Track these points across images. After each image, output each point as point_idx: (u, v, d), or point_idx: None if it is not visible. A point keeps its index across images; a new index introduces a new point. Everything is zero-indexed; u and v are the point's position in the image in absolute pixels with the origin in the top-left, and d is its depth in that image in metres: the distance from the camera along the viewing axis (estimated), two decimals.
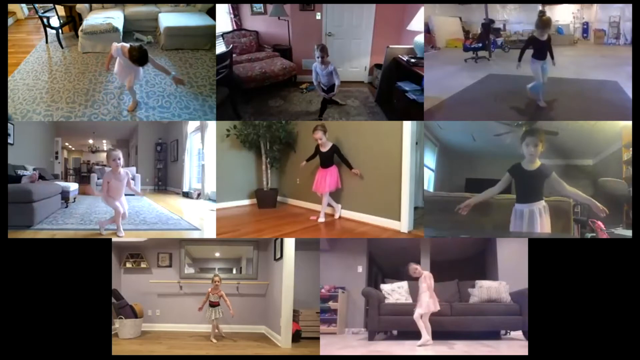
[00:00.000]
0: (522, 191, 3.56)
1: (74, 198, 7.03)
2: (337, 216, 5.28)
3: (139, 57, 4.23)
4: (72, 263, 3.36)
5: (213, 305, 4.63)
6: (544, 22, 4.43)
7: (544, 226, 3.49)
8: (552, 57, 4.52)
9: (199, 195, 8.58)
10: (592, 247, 3.43)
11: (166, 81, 5.02)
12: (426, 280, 4.06)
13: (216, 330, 4.66)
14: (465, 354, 3.66)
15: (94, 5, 6.21)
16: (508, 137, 4.89)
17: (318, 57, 4.84)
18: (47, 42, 5.88)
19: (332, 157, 5.13)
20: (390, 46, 5.57)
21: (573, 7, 8.37)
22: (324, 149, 5.14)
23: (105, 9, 6.24)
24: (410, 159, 4.51)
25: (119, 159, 4.21)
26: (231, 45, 5.86)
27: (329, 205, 5.29)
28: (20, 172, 6.14)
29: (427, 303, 3.97)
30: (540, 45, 4.47)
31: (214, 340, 4.54)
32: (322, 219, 5.13)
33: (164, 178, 12.17)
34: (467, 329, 4.42)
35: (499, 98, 4.94)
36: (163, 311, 5.29)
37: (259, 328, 5.17)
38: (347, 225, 5.01)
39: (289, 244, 4.37)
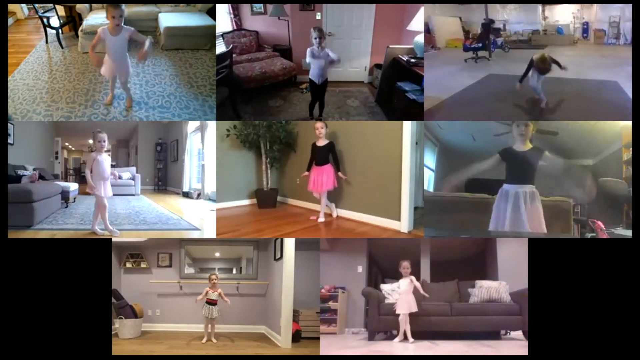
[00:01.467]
0: (511, 173, 3.59)
1: (74, 198, 7.03)
2: (334, 215, 5.28)
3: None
4: (72, 263, 3.35)
5: (211, 303, 4.58)
6: (543, 69, 4.49)
7: (531, 213, 3.48)
8: (561, 67, 4.58)
9: (199, 195, 8.58)
10: (592, 247, 3.43)
11: (166, 81, 5.02)
12: (413, 281, 4.30)
13: (214, 330, 4.58)
14: (465, 354, 3.66)
15: (94, 5, 6.21)
16: (508, 137, 4.89)
17: (316, 39, 4.72)
18: (47, 42, 5.88)
19: (328, 155, 5.11)
20: (390, 46, 5.57)
21: (573, 7, 8.38)
22: (320, 144, 5.11)
23: (105, 9, 6.24)
24: (410, 159, 4.51)
25: (104, 141, 4.19)
26: (231, 45, 5.86)
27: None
28: (20, 172, 6.14)
29: (409, 303, 4.17)
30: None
31: (214, 340, 4.52)
32: (322, 219, 5.13)
33: (164, 178, 12.17)
34: (467, 329, 4.42)
35: (500, 98, 4.94)
36: (163, 311, 5.29)
37: (259, 328, 5.17)
38: (347, 225, 5.01)
39: (289, 244, 4.37)
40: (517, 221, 3.51)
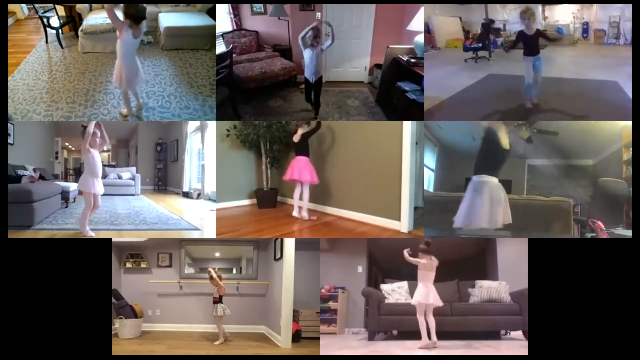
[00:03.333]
0: (484, 156, 3.87)
1: (74, 198, 7.02)
2: (304, 214, 5.20)
3: (136, 13, 3.84)
4: (72, 263, 3.35)
5: (216, 301, 4.46)
6: (527, 14, 4.42)
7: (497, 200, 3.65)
8: (547, 38, 4.62)
9: (199, 195, 8.58)
10: (592, 247, 3.43)
11: (166, 81, 5.03)
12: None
13: (223, 330, 4.48)
14: (465, 354, 3.66)
15: (94, 5, 6.21)
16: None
17: (314, 37, 4.80)
18: (47, 42, 5.88)
19: (302, 147, 5.11)
20: (390, 46, 5.57)
21: (573, 7, 8.37)
22: (295, 140, 5.14)
23: (105, 9, 6.24)
24: (410, 159, 4.51)
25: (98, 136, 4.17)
26: (231, 45, 5.85)
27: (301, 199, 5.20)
28: (20, 172, 6.13)
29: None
30: (529, 40, 4.44)
31: (222, 340, 4.39)
32: (303, 214, 5.12)
33: (164, 178, 12.17)
34: (467, 329, 4.42)
35: (500, 98, 4.94)
36: (163, 311, 5.29)
37: (259, 328, 5.17)
38: (347, 225, 5.01)
39: (289, 244, 4.37)
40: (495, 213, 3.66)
